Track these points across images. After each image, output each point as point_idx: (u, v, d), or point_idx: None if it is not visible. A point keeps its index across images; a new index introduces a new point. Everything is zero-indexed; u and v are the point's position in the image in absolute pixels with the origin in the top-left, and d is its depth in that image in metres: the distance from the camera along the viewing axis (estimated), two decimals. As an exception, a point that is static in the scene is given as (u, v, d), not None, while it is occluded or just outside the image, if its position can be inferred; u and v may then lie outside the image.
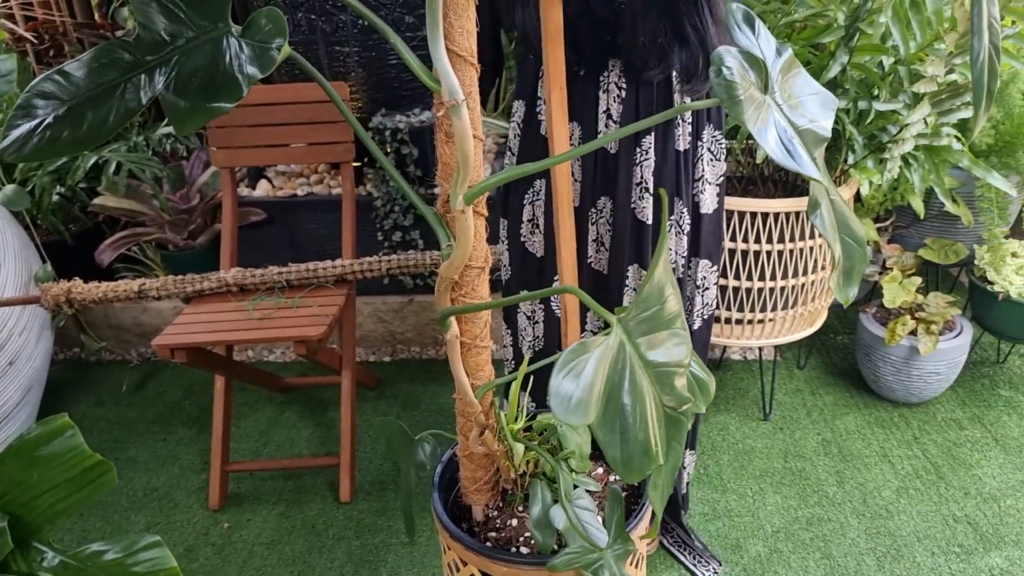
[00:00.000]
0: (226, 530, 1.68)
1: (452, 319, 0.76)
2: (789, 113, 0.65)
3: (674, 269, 1.22)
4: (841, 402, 2.02)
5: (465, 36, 0.66)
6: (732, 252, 1.65)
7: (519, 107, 1.22)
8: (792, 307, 1.75)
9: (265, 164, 2.25)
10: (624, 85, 1.10)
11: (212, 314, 1.64)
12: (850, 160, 1.60)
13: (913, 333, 1.84)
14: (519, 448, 0.79)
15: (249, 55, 0.61)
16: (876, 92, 1.57)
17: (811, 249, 1.66)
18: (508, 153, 1.26)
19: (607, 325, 1.34)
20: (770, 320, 1.76)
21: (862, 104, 1.54)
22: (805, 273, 1.68)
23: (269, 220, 2.29)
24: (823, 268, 1.71)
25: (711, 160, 1.18)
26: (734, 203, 1.59)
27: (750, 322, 1.76)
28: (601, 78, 1.10)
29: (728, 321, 1.76)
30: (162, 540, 0.42)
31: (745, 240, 1.62)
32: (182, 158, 2.50)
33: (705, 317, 1.28)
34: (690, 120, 1.13)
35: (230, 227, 1.84)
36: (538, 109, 1.17)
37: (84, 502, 0.41)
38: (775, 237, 1.61)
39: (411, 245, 2.17)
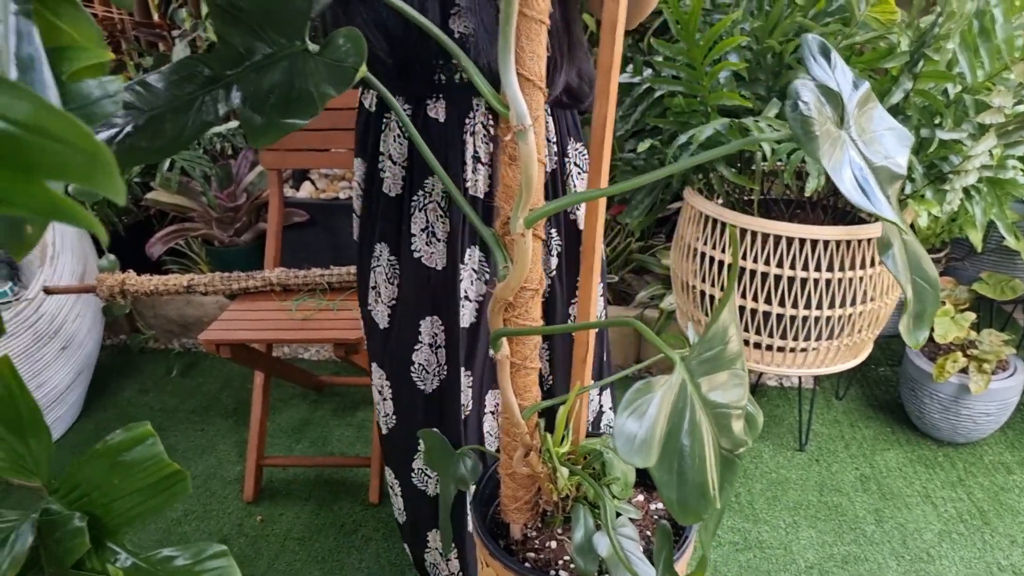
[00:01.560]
0: (259, 523, 1.71)
1: (503, 339, 0.76)
2: (864, 149, 0.64)
3: (549, 291, 1.13)
4: (882, 437, 1.97)
5: (535, 61, 0.66)
6: (778, 278, 1.62)
7: (359, 166, 1.11)
8: (836, 338, 1.71)
9: (311, 167, 2.28)
10: (492, 124, 1.01)
11: (256, 312, 1.66)
12: (908, 189, 1.57)
13: (964, 371, 1.79)
14: (564, 472, 0.79)
15: (326, 73, 0.62)
16: (939, 120, 1.53)
17: (860, 279, 1.62)
18: (355, 216, 1.16)
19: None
20: (813, 349, 1.73)
21: (924, 132, 1.51)
22: (852, 304, 1.65)
23: (311, 221, 2.32)
24: (872, 300, 1.67)
25: (579, 174, 1.12)
26: (780, 228, 1.56)
27: (791, 350, 1.73)
28: (466, 120, 1.01)
29: (769, 348, 1.74)
30: (228, 550, 0.43)
31: (792, 267, 1.59)
32: (230, 157, 2.55)
33: (599, 331, 1.21)
34: (554, 139, 1.07)
35: (275, 227, 1.87)
36: (380, 166, 1.07)
37: (159, 508, 0.42)
38: (823, 265, 1.58)
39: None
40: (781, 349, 1.74)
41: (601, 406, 1.31)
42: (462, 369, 1.11)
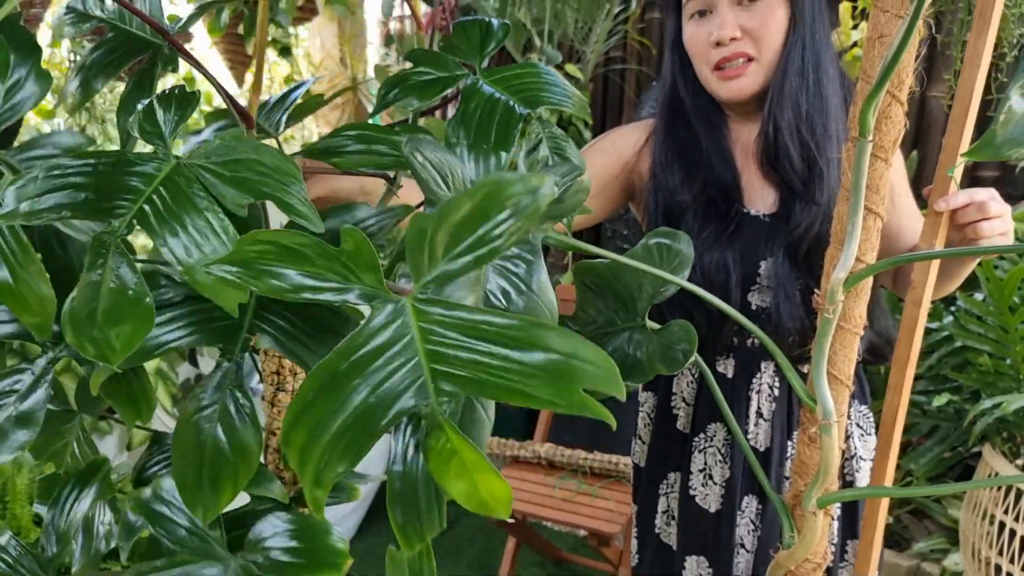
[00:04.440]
0: None
1: (778, 603, 0.79)
2: None
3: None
4: None
5: (847, 363, 0.74)
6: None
7: (648, 398, 1.19)
8: None
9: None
10: (777, 384, 1.07)
11: (524, 482, 1.83)
12: None
13: None
14: None
15: (659, 351, 0.76)
16: None
17: None
18: (638, 441, 1.23)
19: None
20: None
21: None
22: None
23: (580, 397, 2.51)
24: None
25: (861, 436, 1.11)
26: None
27: None
28: (753, 380, 1.08)
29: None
30: None
31: None
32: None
33: None
34: None
35: (552, 403, 2.07)
36: (673, 404, 1.14)
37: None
38: None
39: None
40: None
41: None
42: None
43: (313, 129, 2.21)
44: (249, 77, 2.32)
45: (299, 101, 0.69)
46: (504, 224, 0.34)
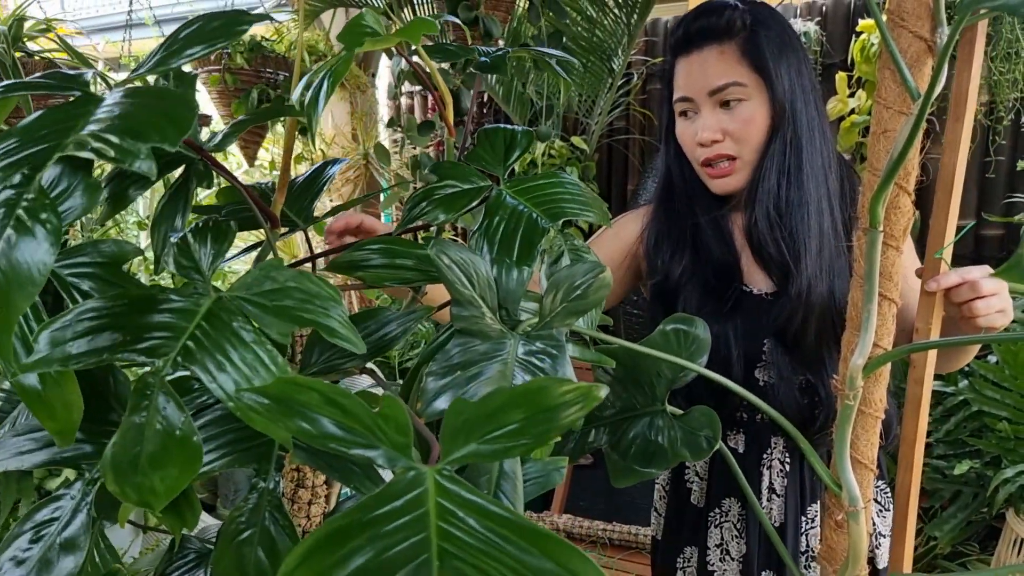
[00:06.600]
0: None
1: None
2: None
3: None
4: None
5: (870, 447, 0.74)
6: None
7: (663, 474, 1.20)
8: None
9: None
10: (788, 460, 1.07)
11: (540, 556, 1.80)
12: None
13: None
14: None
15: (681, 437, 0.76)
16: None
17: None
18: (655, 513, 1.23)
19: None
20: None
21: None
22: None
23: (595, 464, 2.48)
24: None
25: (879, 512, 1.10)
26: None
27: None
28: (764, 455, 1.08)
29: None
30: None
31: None
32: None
33: None
34: None
35: (567, 473, 2.05)
36: (687, 478, 1.15)
37: None
38: None
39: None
40: None
41: None
42: None
43: (326, 202, 2.27)
44: (262, 153, 2.39)
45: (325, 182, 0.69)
46: (544, 424, 0.34)
